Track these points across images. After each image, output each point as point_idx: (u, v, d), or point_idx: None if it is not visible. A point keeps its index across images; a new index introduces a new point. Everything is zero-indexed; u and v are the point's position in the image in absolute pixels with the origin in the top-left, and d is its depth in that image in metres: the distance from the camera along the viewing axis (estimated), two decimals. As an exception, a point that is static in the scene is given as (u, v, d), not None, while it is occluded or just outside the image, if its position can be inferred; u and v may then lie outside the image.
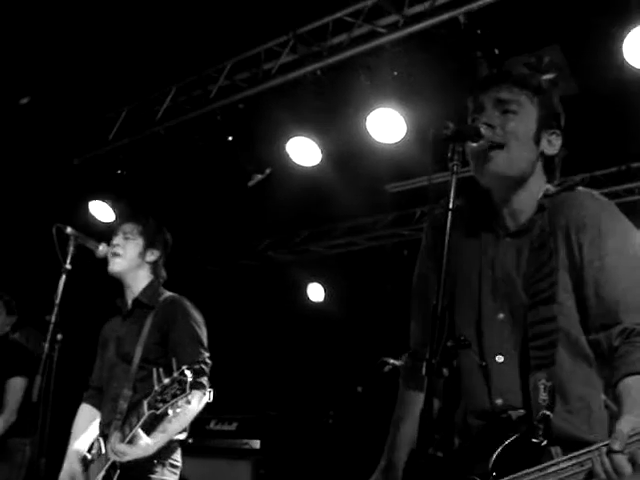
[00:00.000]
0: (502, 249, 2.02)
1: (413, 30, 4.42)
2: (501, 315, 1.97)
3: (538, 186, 2.06)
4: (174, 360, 2.97)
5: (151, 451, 3.14)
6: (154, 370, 2.97)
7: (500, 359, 1.94)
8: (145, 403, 2.98)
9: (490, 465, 1.79)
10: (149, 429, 3.13)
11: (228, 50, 5.32)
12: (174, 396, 2.89)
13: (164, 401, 2.91)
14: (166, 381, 2.91)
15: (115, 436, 3.12)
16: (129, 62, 5.22)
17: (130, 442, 3.06)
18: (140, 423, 3.01)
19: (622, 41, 4.00)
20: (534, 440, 1.79)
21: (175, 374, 2.89)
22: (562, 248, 1.93)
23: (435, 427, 1.74)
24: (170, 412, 2.93)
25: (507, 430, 1.84)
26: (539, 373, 1.85)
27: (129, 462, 3.12)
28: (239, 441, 6.02)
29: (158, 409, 2.92)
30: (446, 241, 1.78)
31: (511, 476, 1.74)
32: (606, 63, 4.18)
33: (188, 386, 2.87)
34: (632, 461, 1.58)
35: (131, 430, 3.05)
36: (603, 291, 1.88)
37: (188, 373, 2.87)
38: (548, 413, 1.81)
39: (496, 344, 1.95)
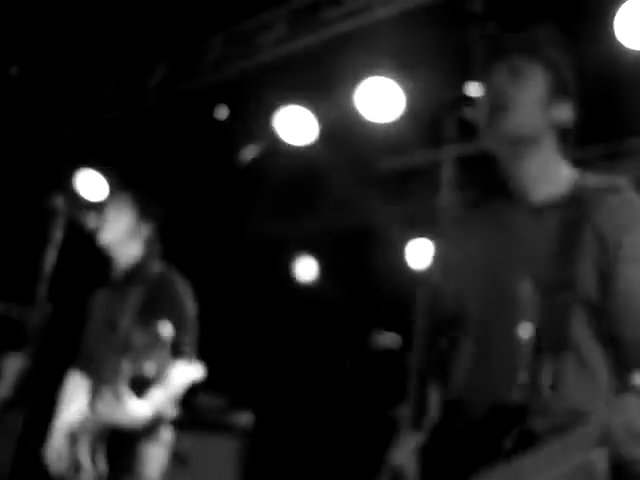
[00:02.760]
0: (525, 221, 2.00)
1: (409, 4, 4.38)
2: (524, 285, 1.93)
3: (552, 157, 2.05)
4: (152, 318, 2.98)
5: (138, 416, 3.12)
6: (123, 318, 2.99)
7: (527, 331, 1.89)
8: (124, 363, 2.98)
9: (494, 451, 1.75)
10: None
11: (220, 23, 5.26)
12: (151, 352, 2.90)
13: (145, 357, 2.92)
14: (143, 338, 2.92)
15: (100, 399, 3.11)
16: (120, 33, 5.15)
17: (115, 405, 3.05)
18: (122, 383, 3.01)
19: (613, 18, 3.98)
20: (532, 426, 1.75)
21: (152, 330, 2.90)
22: (593, 242, 1.90)
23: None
24: (149, 369, 2.93)
25: (510, 416, 1.80)
26: (547, 356, 1.82)
27: (115, 429, 3.10)
28: (229, 416, 6.02)
29: (138, 366, 2.93)
30: (443, 213, 1.77)
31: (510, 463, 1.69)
32: (597, 40, 4.16)
33: (164, 341, 2.88)
34: None
35: (115, 392, 3.04)
36: (635, 288, 1.86)
37: (164, 328, 2.88)
38: (549, 398, 1.77)
39: (523, 314, 1.90)
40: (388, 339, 5.39)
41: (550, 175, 2.04)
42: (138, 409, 3.11)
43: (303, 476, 6.13)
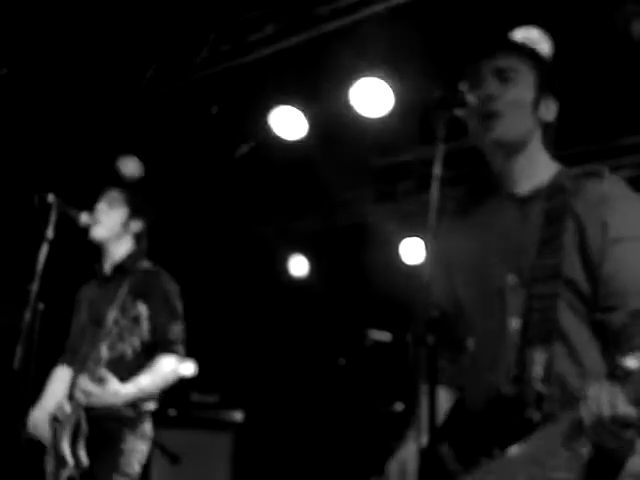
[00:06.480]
0: (510, 214, 2.03)
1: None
2: (511, 278, 1.96)
3: (538, 153, 2.08)
4: (129, 299, 2.98)
5: (119, 400, 3.12)
6: (109, 312, 2.98)
7: (516, 324, 1.92)
8: (103, 345, 2.98)
9: (492, 443, 1.79)
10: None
11: (211, 21, 5.26)
12: (130, 332, 2.90)
13: (121, 338, 2.92)
14: (123, 322, 2.92)
15: (83, 379, 3.11)
16: (113, 33, 5.14)
17: (97, 386, 3.05)
18: (102, 364, 3.01)
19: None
20: (528, 417, 1.79)
21: (130, 311, 2.91)
22: (575, 229, 1.92)
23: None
24: (129, 351, 2.93)
25: (505, 408, 1.84)
26: (536, 347, 1.85)
27: (96, 410, 3.10)
28: (221, 412, 6.03)
29: (115, 348, 2.93)
30: (433, 210, 1.76)
31: (512, 449, 1.74)
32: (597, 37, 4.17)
33: (141, 320, 2.88)
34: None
35: (95, 375, 3.03)
36: (620, 272, 1.88)
37: (142, 308, 2.89)
38: (541, 389, 1.81)
39: (511, 308, 1.94)
40: (381, 336, 5.41)
41: (535, 168, 2.07)
42: (119, 395, 3.11)
43: (296, 472, 6.14)
